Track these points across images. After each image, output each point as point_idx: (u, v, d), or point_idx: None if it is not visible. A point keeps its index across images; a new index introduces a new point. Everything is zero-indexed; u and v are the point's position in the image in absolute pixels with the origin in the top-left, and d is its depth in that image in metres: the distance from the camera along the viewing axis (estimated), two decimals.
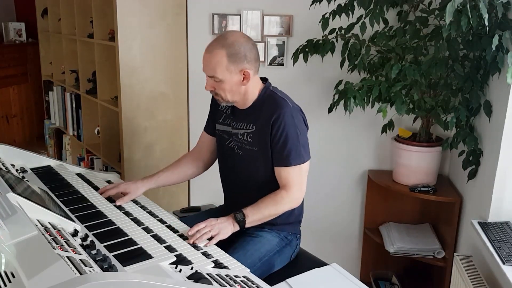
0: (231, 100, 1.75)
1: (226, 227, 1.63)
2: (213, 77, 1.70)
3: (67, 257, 1.15)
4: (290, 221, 1.85)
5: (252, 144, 1.77)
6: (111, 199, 1.85)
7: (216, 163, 2.02)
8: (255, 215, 1.68)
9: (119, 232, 1.54)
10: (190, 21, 2.84)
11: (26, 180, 1.82)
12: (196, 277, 1.24)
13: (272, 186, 1.75)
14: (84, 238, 1.41)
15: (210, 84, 1.73)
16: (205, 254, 1.47)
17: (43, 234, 1.25)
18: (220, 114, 1.90)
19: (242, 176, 1.85)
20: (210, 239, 1.58)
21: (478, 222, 1.96)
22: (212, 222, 1.63)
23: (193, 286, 1.18)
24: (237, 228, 1.67)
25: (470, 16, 1.80)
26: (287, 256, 1.83)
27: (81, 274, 1.07)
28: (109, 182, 2.07)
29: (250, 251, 1.68)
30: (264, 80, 1.85)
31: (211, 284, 1.22)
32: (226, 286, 1.24)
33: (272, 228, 1.80)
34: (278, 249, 1.79)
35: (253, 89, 1.77)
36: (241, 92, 1.74)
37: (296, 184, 1.72)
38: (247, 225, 1.68)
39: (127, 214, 1.72)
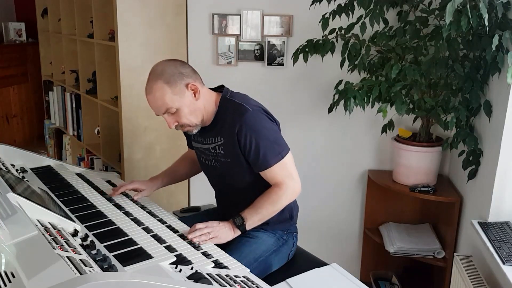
0: (198, 122, 1.72)
1: (226, 233, 1.64)
2: (167, 111, 1.66)
3: (67, 257, 1.15)
4: (282, 219, 1.83)
5: (225, 155, 1.75)
6: (111, 199, 1.85)
7: None
8: (254, 216, 1.67)
9: (119, 232, 1.54)
10: (190, 21, 2.84)
11: (26, 180, 1.82)
12: (196, 277, 1.24)
13: (257, 189, 1.72)
14: (84, 238, 1.41)
15: (171, 121, 1.69)
16: (205, 254, 1.47)
17: (43, 234, 1.25)
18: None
19: (226, 185, 1.85)
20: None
21: (478, 222, 1.96)
22: (214, 224, 1.64)
23: (193, 286, 1.18)
24: (238, 233, 1.67)
25: (470, 16, 1.80)
26: (285, 255, 1.83)
27: (81, 274, 1.07)
28: (109, 182, 2.07)
29: (245, 252, 1.67)
30: (221, 87, 1.83)
31: (211, 284, 1.22)
32: (226, 286, 1.24)
33: (266, 228, 1.80)
34: (275, 249, 1.79)
35: (210, 102, 1.74)
36: (200, 108, 1.71)
37: (286, 177, 1.69)
38: (247, 228, 1.67)
39: (127, 214, 1.72)
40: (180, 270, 1.30)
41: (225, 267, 1.41)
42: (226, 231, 1.64)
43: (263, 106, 1.77)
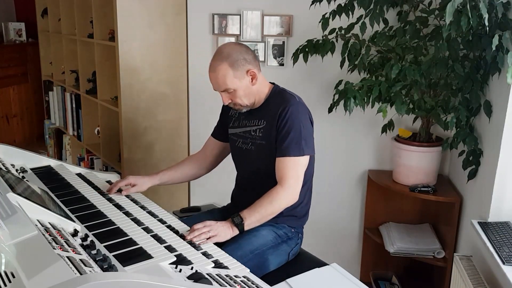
0: (249, 103, 1.84)
1: (224, 231, 1.65)
2: (226, 90, 1.79)
3: (67, 257, 1.15)
4: (293, 214, 1.86)
5: (262, 138, 1.84)
6: (111, 199, 1.85)
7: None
8: (253, 216, 1.69)
9: (119, 232, 1.54)
10: (190, 21, 2.84)
11: (26, 180, 1.82)
12: (196, 277, 1.24)
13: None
14: (84, 238, 1.41)
15: (226, 98, 1.82)
16: (205, 254, 1.47)
17: (43, 234, 1.25)
18: (231, 119, 1.98)
19: (253, 170, 1.90)
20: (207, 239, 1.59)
21: (478, 222, 1.96)
22: (212, 223, 1.64)
23: (193, 286, 1.18)
24: (236, 232, 1.68)
25: (470, 16, 1.80)
26: (284, 253, 1.83)
27: (81, 274, 1.07)
28: (109, 182, 2.07)
29: (242, 244, 1.68)
30: (271, 84, 1.94)
31: (211, 284, 1.22)
32: (226, 286, 1.24)
33: (276, 220, 1.80)
34: (273, 245, 1.79)
35: (263, 88, 1.87)
36: (254, 92, 1.84)
37: (292, 177, 1.73)
38: (246, 227, 1.68)
39: (127, 214, 1.72)
40: (180, 270, 1.29)
41: (225, 267, 1.41)
42: (224, 229, 1.65)
43: (308, 108, 1.87)
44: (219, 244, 1.59)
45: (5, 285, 1.05)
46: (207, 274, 1.29)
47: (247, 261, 1.48)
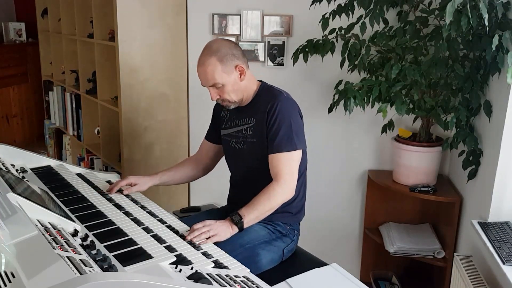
0: (237, 99, 1.84)
1: (224, 230, 1.65)
2: (214, 85, 1.79)
3: (67, 257, 1.15)
4: (288, 210, 1.86)
5: (252, 136, 1.84)
6: (111, 199, 1.85)
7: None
8: (251, 213, 1.69)
9: (119, 232, 1.54)
10: (190, 21, 2.84)
11: (26, 180, 1.82)
12: (196, 277, 1.24)
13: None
14: (84, 238, 1.41)
15: (214, 94, 1.82)
16: (205, 254, 1.47)
17: (43, 234, 1.25)
18: (222, 120, 1.99)
19: (247, 169, 1.90)
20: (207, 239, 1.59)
21: (478, 222, 1.96)
22: (211, 222, 1.65)
23: (193, 286, 1.18)
24: (236, 230, 1.68)
25: (470, 16, 1.80)
26: (278, 249, 1.82)
27: (81, 274, 1.07)
28: (109, 182, 2.07)
29: (232, 238, 1.68)
30: (259, 81, 1.94)
31: (211, 284, 1.22)
32: (226, 286, 1.24)
33: (266, 219, 1.80)
34: (266, 240, 1.80)
35: (251, 84, 1.88)
36: (242, 88, 1.84)
37: (287, 173, 1.75)
38: (245, 225, 1.69)
39: (127, 214, 1.72)
40: (180, 270, 1.30)
41: (225, 267, 1.41)
42: (224, 229, 1.65)
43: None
44: (217, 243, 1.59)
45: (5, 285, 1.05)
46: (207, 274, 1.29)
47: (236, 254, 1.49)
